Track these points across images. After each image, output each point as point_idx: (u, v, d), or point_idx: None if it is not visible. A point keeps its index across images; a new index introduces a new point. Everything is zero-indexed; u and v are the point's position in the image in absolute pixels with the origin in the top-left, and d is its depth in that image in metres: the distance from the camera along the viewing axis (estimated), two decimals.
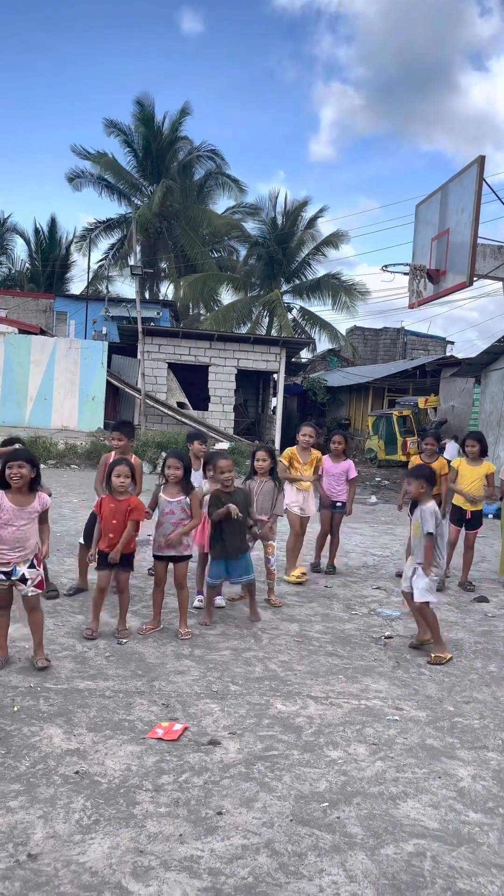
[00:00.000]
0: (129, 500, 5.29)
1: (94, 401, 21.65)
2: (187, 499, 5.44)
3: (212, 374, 24.41)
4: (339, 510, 7.82)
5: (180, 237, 35.03)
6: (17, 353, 21.21)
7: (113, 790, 3.22)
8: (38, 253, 39.67)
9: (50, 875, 2.61)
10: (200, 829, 2.97)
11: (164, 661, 4.86)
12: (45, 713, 3.93)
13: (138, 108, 35.01)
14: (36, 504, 4.53)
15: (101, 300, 31.93)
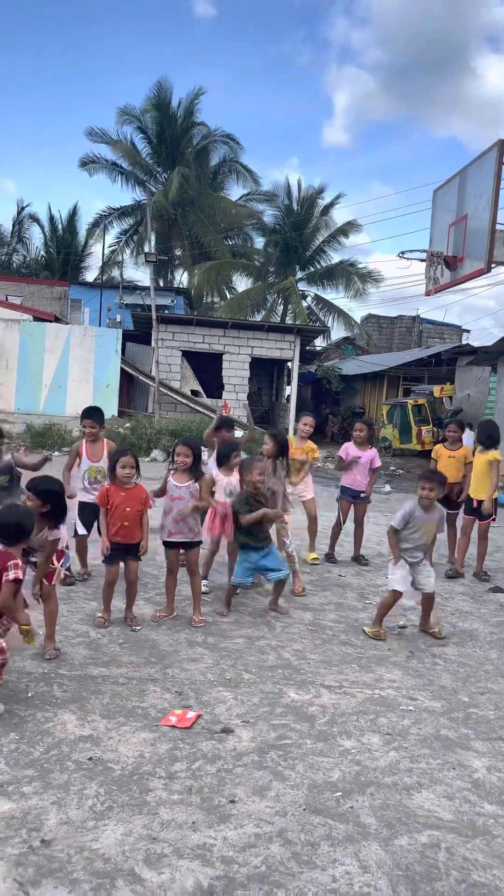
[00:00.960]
0: (140, 488, 5.27)
1: (109, 388, 21.67)
2: (196, 484, 5.43)
3: (226, 361, 24.35)
4: (362, 500, 7.76)
5: (194, 224, 34.87)
6: (31, 340, 21.26)
7: (126, 777, 3.22)
8: (52, 240, 39.69)
9: (63, 861, 2.61)
10: (213, 817, 2.97)
11: (177, 649, 4.85)
12: (58, 699, 3.94)
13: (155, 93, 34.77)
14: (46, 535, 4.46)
15: (115, 288, 31.90)
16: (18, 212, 40.13)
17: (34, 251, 40.99)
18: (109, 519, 5.16)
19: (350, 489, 7.71)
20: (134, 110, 35.05)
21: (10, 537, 3.91)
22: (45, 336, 21.43)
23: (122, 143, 35.17)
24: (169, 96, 34.92)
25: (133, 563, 5.27)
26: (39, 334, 21.40)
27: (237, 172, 36.71)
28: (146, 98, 35.19)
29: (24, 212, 39.95)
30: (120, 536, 5.14)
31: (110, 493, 5.18)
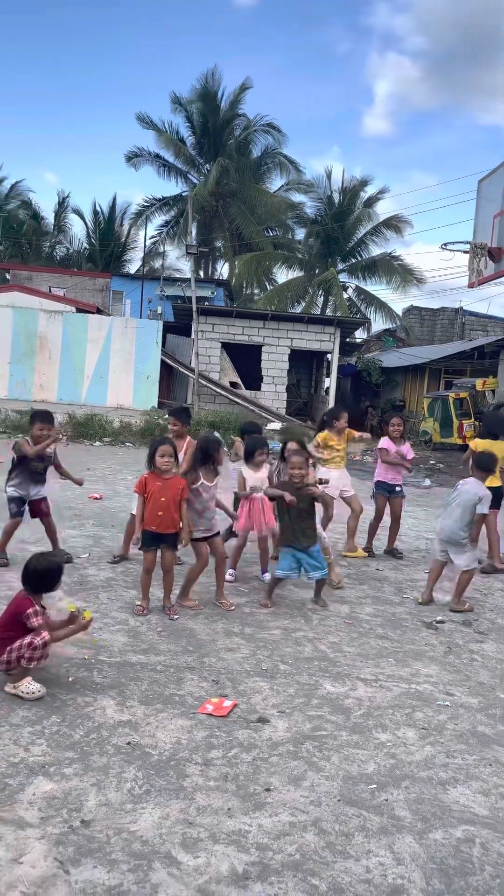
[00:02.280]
0: (177, 478, 5.33)
1: (149, 380, 21.85)
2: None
3: (265, 353, 24.36)
4: (397, 495, 7.72)
5: (235, 216, 34.87)
6: (74, 331, 21.55)
7: (163, 762, 3.28)
8: (95, 232, 40.11)
9: (102, 842, 2.68)
10: (249, 804, 3.01)
11: (214, 638, 4.91)
12: (98, 685, 4.03)
13: (200, 85, 34.87)
14: None
15: (156, 279, 32.13)
16: (60, 203, 40.67)
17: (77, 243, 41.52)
18: (146, 507, 5.24)
19: (385, 483, 7.67)
20: (181, 99, 35.23)
21: (35, 587, 4.01)
22: (87, 327, 21.69)
23: (167, 134, 35.36)
24: (215, 87, 35.00)
25: (168, 553, 5.34)
26: (82, 326, 21.68)
27: (279, 164, 36.58)
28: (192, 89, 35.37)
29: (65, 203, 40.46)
30: (155, 525, 5.21)
31: (148, 481, 5.25)
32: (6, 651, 3.82)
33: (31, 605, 3.89)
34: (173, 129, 35.93)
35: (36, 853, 2.57)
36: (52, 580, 4.05)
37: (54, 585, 4.11)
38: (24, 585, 4.04)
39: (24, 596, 3.97)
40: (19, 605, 3.93)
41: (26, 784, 3.00)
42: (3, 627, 3.90)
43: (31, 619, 3.85)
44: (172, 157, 36.43)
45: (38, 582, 4.01)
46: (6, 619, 3.94)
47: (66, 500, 9.37)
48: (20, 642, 3.80)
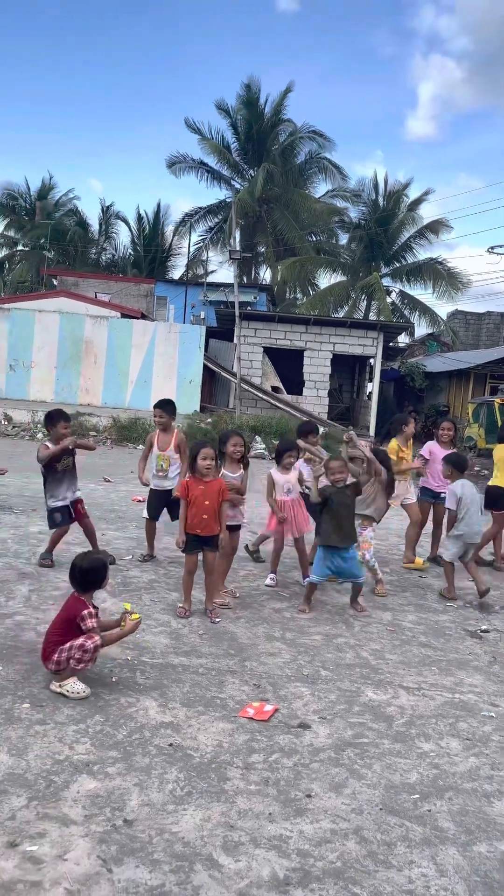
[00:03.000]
0: (218, 481, 5.37)
1: (192, 384, 22.01)
2: (244, 472, 5.88)
3: (307, 358, 24.31)
4: (442, 501, 7.61)
5: (279, 221, 34.93)
6: (119, 336, 21.84)
7: (205, 765, 3.29)
8: (140, 239, 40.62)
9: (144, 841, 2.70)
10: (290, 809, 3.00)
11: (255, 643, 4.92)
12: (141, 686, 4.07)
13: (244, 92, 35.11)
14: None
15: (199, 285, 32.37)
16: (104, 211, 41.32)
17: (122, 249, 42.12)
18: (189, 511, 5.27)
19: (430, 490, 7.58)
20: (226, 105, 35.54)
21: (83, 585, 4.07)
22: (131, 332, 21.97)
23: (212, 141, 35.66)
24: (257, 94, 35.21)
25: (211, 555, 5.37)
26: (126, 331, 21.97)
27: (324, 169, 36.54)
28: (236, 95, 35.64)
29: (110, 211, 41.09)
30: (199, 529, 5.25)
31: (190, 485, 5.30)
32: (57, 651, 3.89)
33: (85, 608, 3.96)
34: (218, 134, 36.28)
35: (80, 850, 2.61)
36: (97, 578, 4.11)
37: (101, 583, 4.16)
38: (72, 585, 4.11)
39: (77, 597, 4.04)
40: (73, 607, 3.99)
41: (71, 781, 3.05)
42: (57, 629, 3.97)
43: (85, 622, 3.92)
44: (216, 162, 36.73)
45: (85, 580, 4.07)
46: (60, 621, 4.01)
47: (111, 502, 9.51)
48: (71, 643, 3.86)
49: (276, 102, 35.51)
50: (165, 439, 6.60)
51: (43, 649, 4.01)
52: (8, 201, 40.70)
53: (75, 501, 6.35)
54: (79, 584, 4.07)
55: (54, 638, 3.95)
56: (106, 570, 4.17)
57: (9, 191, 40.69)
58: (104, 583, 4.21)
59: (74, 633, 3.92)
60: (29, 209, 40.60)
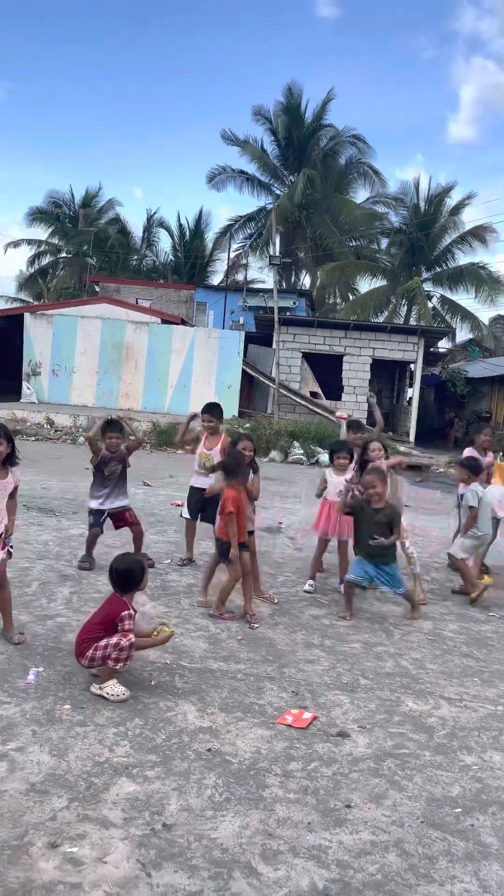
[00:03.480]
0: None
1: (230, 389, 22.07)
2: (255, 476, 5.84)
3: (346, 363, 24.18)
4: None
5: (319, 226, 34.89)
6: (159, 342, 22.04)
7: (243, 771, 3.28)
8: (180, 245, 40.95)
9: (183, 847, 2.70)
10: (329, 819, 2.97)
11: (294, 649, 4.89)
12: (180, 690, 4.08)
13: (285, 97, 35.24)
14: (9, 479, 4.46)
15: (239, 290, 32.47)
16: (148, 218, 41.79)
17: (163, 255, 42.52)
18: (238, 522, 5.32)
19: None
20: (266, 111, 35.70)
21: (122, 586, 4.11)
22: (171, 338, 22.15)
23: (252, 146, 35.85)
24: (298, 100, 35.27)
25: (246, 555, 5.38)
26: (166, 336, 22.15)
27: (364, 174, 36.39)
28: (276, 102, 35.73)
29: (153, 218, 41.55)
30: (242, 536, 5.31)
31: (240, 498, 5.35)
32: (92, 648, 3.92)
33: (126, 609, 3.99)
34: (257, 142, 36.43)
35: (119, 854, 2.62)
36: (135, 578, 4.13)
37: (139, 583, 4.18)
38: (112, 586, 4.15)
39: (118, 597, 4.07)
40: (115, 607, 4.03)
41: (110, 784, 3.07)
42: (97, 626, 4.02)
43: (124, 622, 3.95)
44: (256, 170, 36.87)
45: (123, 581, 4.10)
46: (100, 618, 4.05)
47: (150, 506, 9.58)
48: (107, 641, 3.90)
49: (318, 107, 35.54)
50: (213, 440, 6.65)
51: (77, 644, 4.05)
52: (53, 209, 41.43)
53: (121, 510, 6.40)
54: (118, 585, 4.11)
55: (91, 635, 3.99)
56: (143, 571, 4.20)
57: (54, 199, 41.43)
58: (142, 584, 4.23)
59: (111, 631, 3.96)
60: (72, 217, 41.27)
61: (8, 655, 4.30)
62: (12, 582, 5.60)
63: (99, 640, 3.93)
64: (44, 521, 8.11)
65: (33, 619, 4.97)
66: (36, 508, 8.67)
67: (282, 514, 9.80)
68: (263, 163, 36.50)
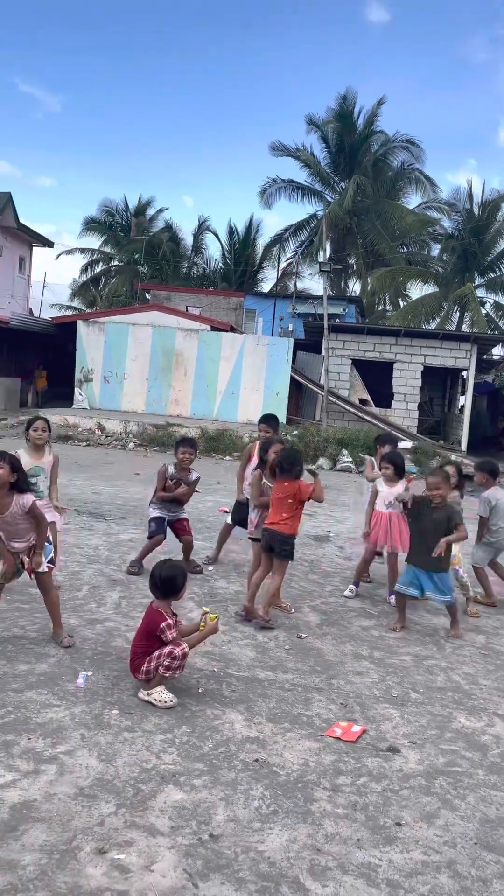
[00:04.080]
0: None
1: (278, 396, 22.05)
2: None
3: (396, 370, 23.90)
4: None
5: (369, 233, 34.67)
6: (208, 349, 22.17)
7: (291, 783, 3.24)
8: (230, 253, 41.20)
9: (230, 858, 2.67)
10: (379, 837, 2.90)
11: (342, 660, 4.82)
12: (227, 698, 4.05)
13: (337, 104, 35.22)
14: (15, 509, 4.35)
15: (288, 297, 32.48)
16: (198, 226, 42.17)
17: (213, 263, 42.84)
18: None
19: None
20: (317, 119, 35.73)
21: (163, 592, 4.10)
22: (220, 345, 22.26)
23: (304, 152, 35.90)
24: (351, 107, 35.20)
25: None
26: (216, 343, 22.27)
27: (415, 180, 36.06)
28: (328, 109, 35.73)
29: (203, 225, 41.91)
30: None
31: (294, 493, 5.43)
32: (146, 661, 3.93)
33: (163, 620, 3.99)
34: (308, 149, 36.46)
35: (166, 863, 2.61)
36: (176, 586, 4.12)
37: (179, 592, 4.17)
38: (152, 592, 4.16)
39: (155, 609, 4.07)
40: (152, 619, 4.03)
41: (157, 791, 3.06)
42: (140, 641, 4.03)
43: (165, 634, 3.95)
44: (307, 178, 36.90)
45: (164, 588, 4.10)
46: (142, 633, 4.06)
47: (198, 512, 9.60)
48: (160, 652, 3.90)
49: (370, 113, 35.40)
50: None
51: (131, 661, 4.07)
52: (106, 218, 42.19)
53: (179, 519, 6.44)
54: (159, 590, 4.11)
55: (140, 650, 4.00)
56: (184, 578, 4.18)
57: (108, 208, 42.19)
58: (181, 592, 4.21)
59: (156, 643, 3.96)
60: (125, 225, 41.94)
61: (58, 659, 4.35)
62: (63, 585, 5.70)
63: (149, 654, 3.94)
64: (94, 525, 8.21)
65: (83, 622, 5.02)
66: (86, 513, 8.79)
67: (330, 523, 9.71)
68: (314, 170, 36.50)
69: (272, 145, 36.19)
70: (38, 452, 5.48)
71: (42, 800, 2.92)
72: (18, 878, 2.44)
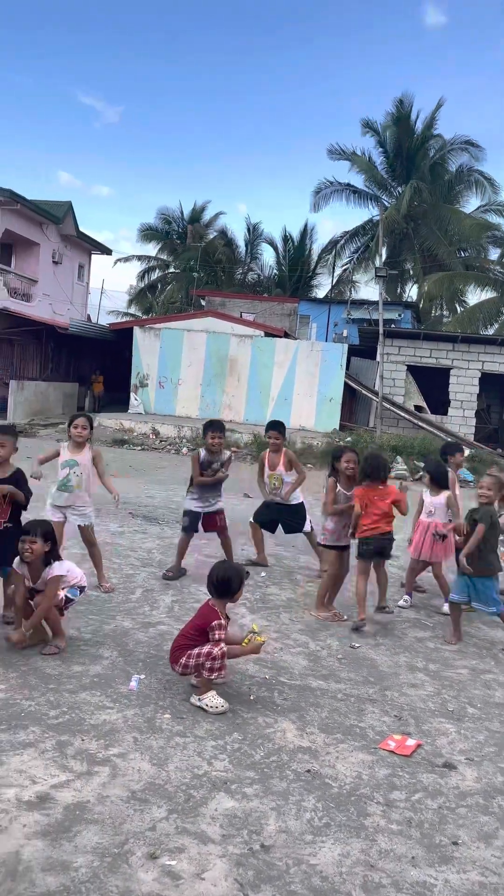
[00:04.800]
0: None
1: (332, 402, 21.91)
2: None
3: (453, 377, 23.49)
4: None
5: (426, 237, 34.23)
6: (262, 355, 22.21)
7: (344, 796, 3.18)
8: (285, 259, 41.24)
9: (281, 870, 2.63)
10: (434, 855, 2.82)
11: (396, 672, 4.73)
12: (279, 706, 4.02)
13: (395, 108, 34.96)
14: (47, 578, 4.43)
15: (343, 303, 32.30)
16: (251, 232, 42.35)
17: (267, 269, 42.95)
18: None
19: None
20: (374, 123, 35.55)
21: (219, 593, 4.10)
22: (274, 351, 22.27)
23: (360, 157, 35.71)
24: (408, 110, 34.89)
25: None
26: (269, 349, 22.29)
27: (475, 183, 35.41)
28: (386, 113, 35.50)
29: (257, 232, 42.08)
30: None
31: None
32: (186, 655, 3.94)
33: (217, 618, 3.99)
34: (364, 154, 36.26)
35: (217, 871, 2.59)
36: (233, 587, 4.11)
37: (235, 593, 4.16)
38: (209, 591, 4.16)
39: (211, 606, 4.08)
40: (205, 616, 4.04)
41: (209, 798, 3.04)
42: (188, 634, 4.04)
43: (214, 632, 3.95)
44: (363, 182, 36.68)
45: (221, 588, 4.10)
46: (192, 627, 4.07)
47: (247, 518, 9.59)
48: (199, 650, 3.91)
49: (428, 117, 35.02)
50: (276, 458, 6.81)
51: (172, 652, 4.08)
52: (163, 226, 42.79)
53: (213, 513, 6.46)
54: (215, 591, 4.11)
55: (184, 642, 4.01)
56: (241, 580, 4.17)
57: (165, 215, 42.77)
58: (238, 594, 4.20)
59: (203, 639, 3.97)
60: (181, 233, 42.44)
61: (111, 661, 4.39)
62: (117, 587, 5.78)
63: (192, 648, 3.95)
64: (147, 528, 8.29)
65: (136, 625, 5.06)
66: (141, 516, 8.88)
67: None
68: (371, 174, 36.25)
69: (329, 148, 36.14)
70: (78, 448, 5.70)
71: (95, 802, 2.93)
72: (71, 879, 2.46)
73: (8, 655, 4.31)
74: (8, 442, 4.80)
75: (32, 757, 3.22)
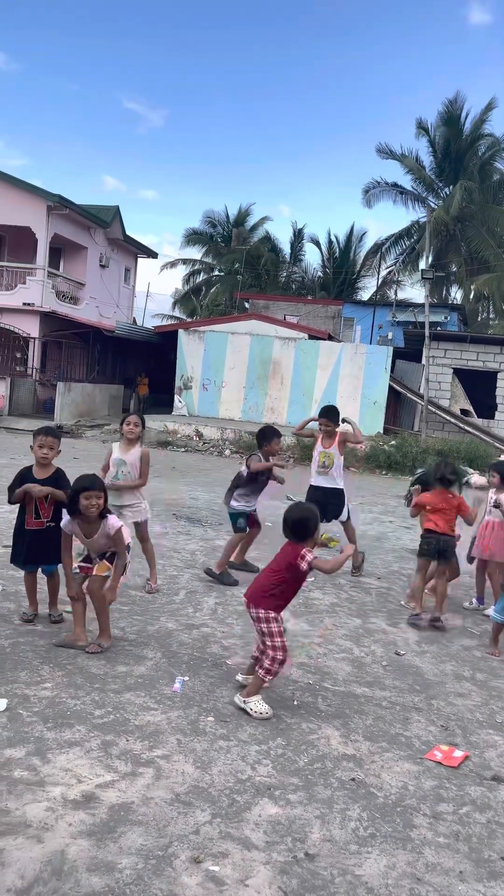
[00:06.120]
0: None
1: (376, 405, 21.72)
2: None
3: (500, 380, 23.06)
4: None
5: (473, 239, 33.71)
6: (305, 357, 22.15)
7: (389, 806, 3.13)
8: (330, 261, 41.07)
9: (326, 880, 2.60)
10: (483, 870, 2.75)
11: (443, 680, 4.64)
12: (323, 713, 3.98)
13: (445, 108, 34.60)
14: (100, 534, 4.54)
15: (388, 305, 32.00)
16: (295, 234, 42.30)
17: (311, 272, 42.83)
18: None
19: None
20: (425, 123, 35.24)
21: (297, 536, 4.04)
22: (318, 353, 22.18)
23: (408, 158, 35.42)
24: (459, 110, 34.48)
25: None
26: (313, 352, 22.22)
27: None
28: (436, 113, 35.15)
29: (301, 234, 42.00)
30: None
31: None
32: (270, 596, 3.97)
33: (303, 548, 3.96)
34: (412, 154, 35.93)
35: (261, 878, 2.56)
36: (309, 528, 4.06)
37: (313, 533, 4.09)
38: (285, 535, 4.10)
39: (293, 543, 4.04)
40: (289, 552, 4.01)
41: (252, 804, 3.02)
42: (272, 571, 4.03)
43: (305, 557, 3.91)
44: (411, 183, 36.35)
45: (297, 530, 4.04)
46: (275, 565, 4.06)
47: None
48: (272, 656, 3.88)
49: (477, 117, 34.51)
50: (329, 441, 6.87)
51: (254, 591, 4.04)
52: (208, 229, 43.03)
53: (254, 511, 6.54)
54: (293, 533, 4.07)
55: (269, 580, 4.01)
56: (316, 521, 4.11)
57: (210, 218, 43.01)
58: (315, 536, 4.14)
59: (288, 575, 3.96)
60: (226, 236, 42.61)
61: (155, 662, 4.41)
62: (161, 589, 5.81)
63: (278, 584, 3.96)
64: (191, 530, 8.32)
65: (180, 627, 5.07)
66: (184, 518, 8.92)
67: None
68: (419, 175, 35.90)
69: (378, 147, 35.91)
70: (129, 446, 5.77)
71: (139, 803, 2.94)
72: (115, 881, 2.46)
73: (55, 654, 4.37)
74: (55, 443, 4.87)
75: (78, 756, 3.25)
